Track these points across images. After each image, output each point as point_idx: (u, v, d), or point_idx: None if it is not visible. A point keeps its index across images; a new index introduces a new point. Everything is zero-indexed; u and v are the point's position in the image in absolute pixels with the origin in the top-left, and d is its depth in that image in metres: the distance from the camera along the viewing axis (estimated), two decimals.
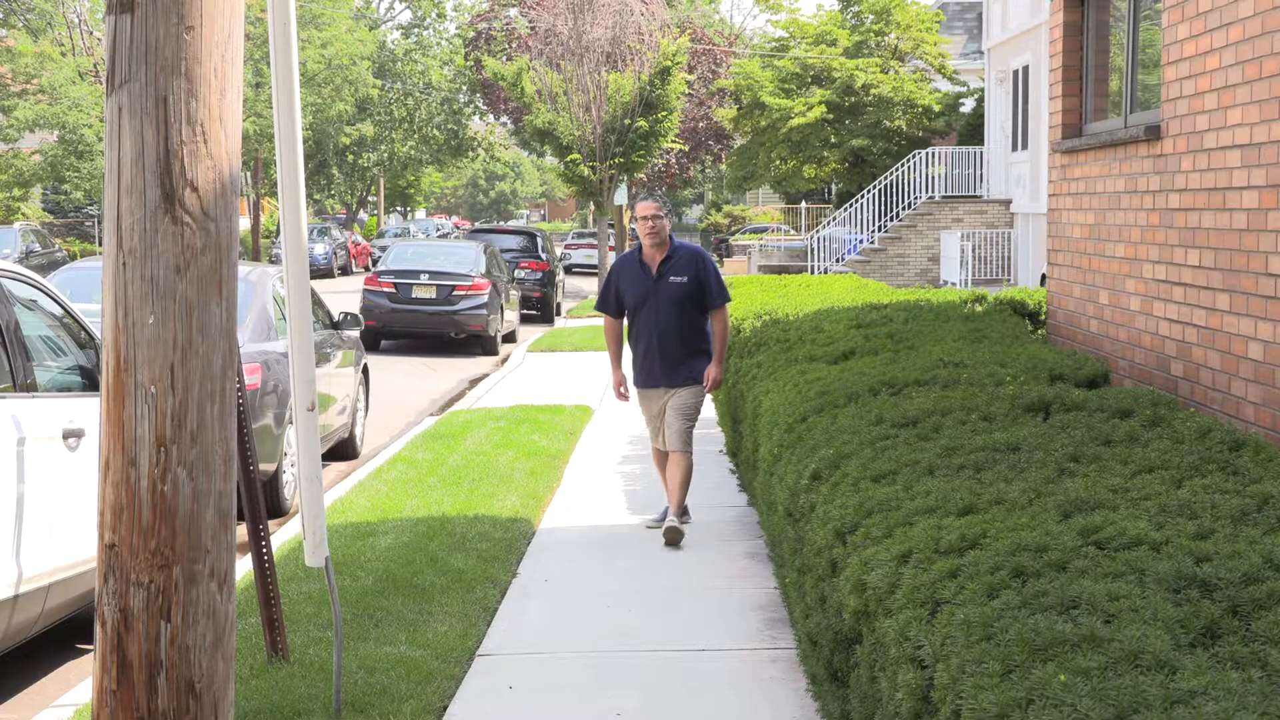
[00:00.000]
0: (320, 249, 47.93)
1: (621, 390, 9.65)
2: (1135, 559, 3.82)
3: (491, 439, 13.27)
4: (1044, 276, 12.32)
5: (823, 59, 38.91)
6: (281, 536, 9.45)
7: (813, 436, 6.38)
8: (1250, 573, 3.66)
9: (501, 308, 25.06)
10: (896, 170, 33.90)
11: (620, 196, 36.32)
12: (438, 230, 71.93)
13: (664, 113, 35.35)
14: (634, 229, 9.30)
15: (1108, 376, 7.75)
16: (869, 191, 33.99)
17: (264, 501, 6.73)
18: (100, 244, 31.38)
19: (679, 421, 9.21)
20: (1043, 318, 10.90)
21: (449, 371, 21.75)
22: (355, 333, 13.91)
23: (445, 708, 6.17)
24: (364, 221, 73.49)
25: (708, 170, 60.09)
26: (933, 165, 34.00)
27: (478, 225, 58.81)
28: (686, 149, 47.40)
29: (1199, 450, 5.33)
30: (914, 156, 34.00)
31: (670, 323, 9.16)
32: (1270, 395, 6.33)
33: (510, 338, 26.45)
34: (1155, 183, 7.88)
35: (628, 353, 9.50)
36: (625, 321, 9.56)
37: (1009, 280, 29.26)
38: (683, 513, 9.27)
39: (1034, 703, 2.99)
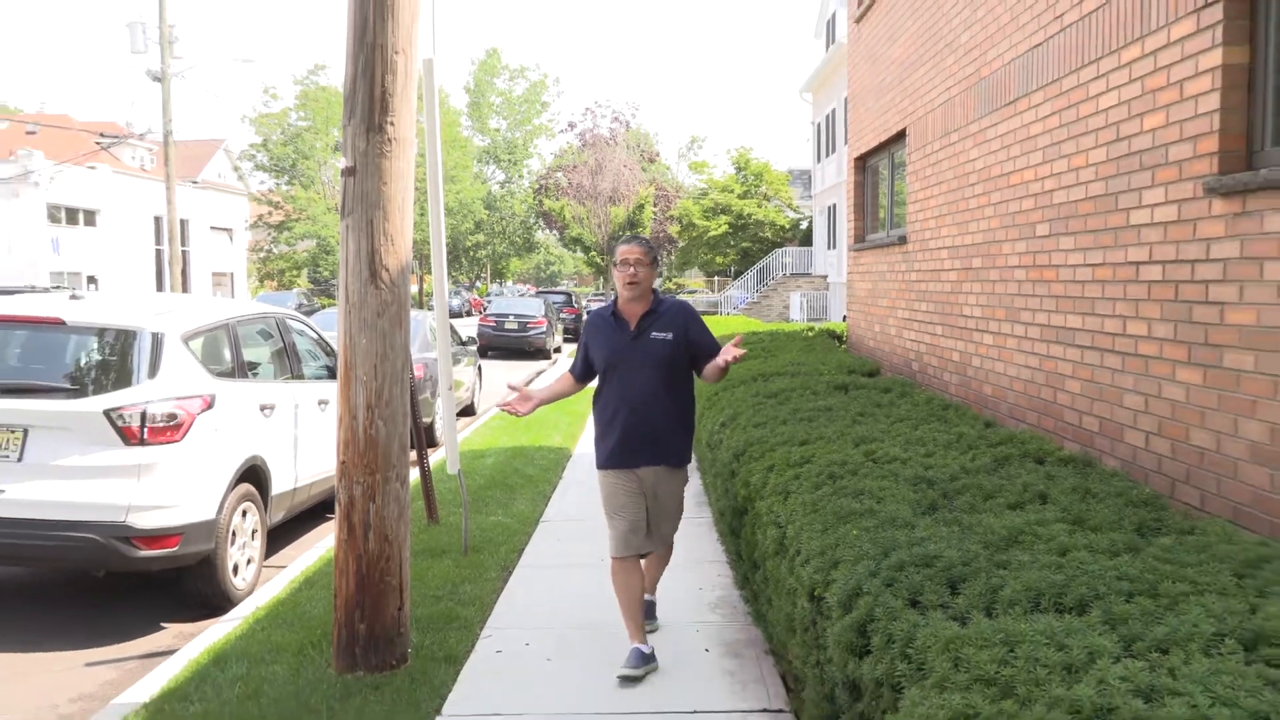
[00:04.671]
0: (455, 302, 47.59)
1: (515, 401, 4.22)
2: (893, 469, 3.82)
3: (547, 405, 13.20)
4: (845, 316, 12.32)
5: (726, 200, 38.89)
6: (434, 458, 9.39)
7: (721, 402, 6.38)
8: (953, 474, 3.67)
9: (553, 333, 25.05)
10: (766, 260, 34.00)
11: None
12: (519, 292, 71.48)
13: (640, 228, 35.32)
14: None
15: (879, 371, 7.77)
16: (751, 271, 34.11)
17: (424, 438, 6.71)
18: (336, 300, 31.15)
19: (672, 520, 4.39)
20: (844, 339, 10.91)
21: (523, 368, 21.66)
22: (474, 347, 13.87)
23: (523, 548, 6.15)
24: (478, 287, 73.15)
25: (663, 260, 59.95)
26: (786, 257, 34.17)
27: (540, 289, 58.59)
28: None
29: (926, 410, 5.35)
30: (775, 252, 34.10)
31: (652, 389, 4.15)
32: (962, 380, 6.35)
33: (557, 349, 26.40)
34: (903, 267, 7.90)
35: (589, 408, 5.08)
36: (595, 386, 4.35)
37: (826, 318, 29.29)
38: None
39: (839, 546, 3.00)
